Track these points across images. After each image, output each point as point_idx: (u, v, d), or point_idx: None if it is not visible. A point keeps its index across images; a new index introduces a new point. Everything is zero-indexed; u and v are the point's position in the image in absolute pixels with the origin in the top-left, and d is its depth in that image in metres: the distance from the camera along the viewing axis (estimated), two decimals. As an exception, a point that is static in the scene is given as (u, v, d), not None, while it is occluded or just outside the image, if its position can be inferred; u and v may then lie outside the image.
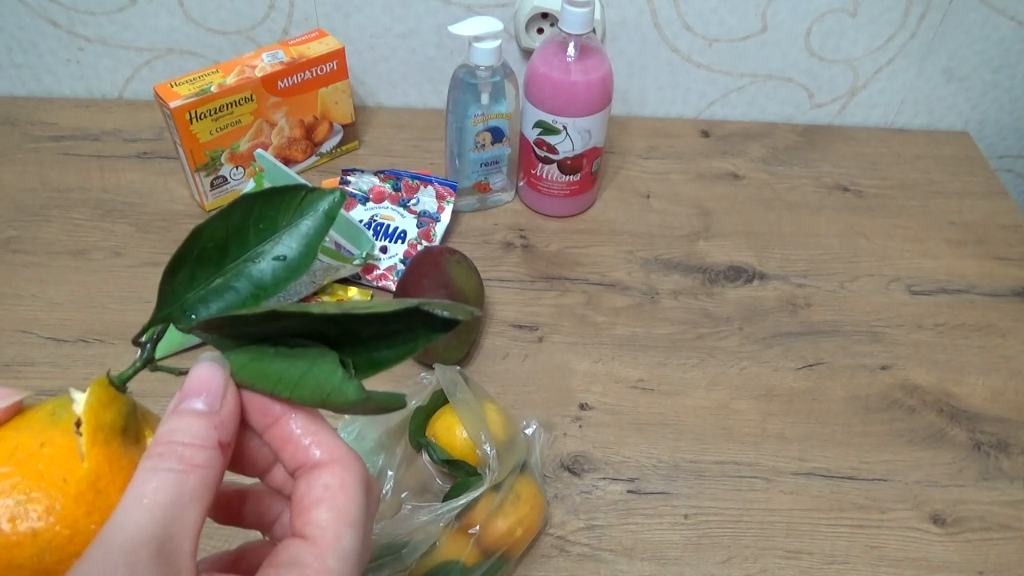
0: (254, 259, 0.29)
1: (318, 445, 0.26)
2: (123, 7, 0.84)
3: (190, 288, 0.28)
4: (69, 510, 0.24)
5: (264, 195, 0.28)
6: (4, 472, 0.24)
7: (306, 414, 0.27)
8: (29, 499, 0.24)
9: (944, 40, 0.86)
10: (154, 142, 0.86)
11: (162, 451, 0.24)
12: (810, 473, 0.60)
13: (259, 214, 0.28)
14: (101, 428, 0.26)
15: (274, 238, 0.29)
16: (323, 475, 0.26)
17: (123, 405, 0.27)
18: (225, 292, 0.28)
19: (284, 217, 0.29)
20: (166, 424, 0.25)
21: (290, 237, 0.29)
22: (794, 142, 0.90)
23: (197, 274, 0.28)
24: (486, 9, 0.84)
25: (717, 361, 0.67)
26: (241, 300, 0.28)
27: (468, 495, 0.49)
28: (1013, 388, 0.66)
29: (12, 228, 0.76)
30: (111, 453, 0.25)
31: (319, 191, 0.29)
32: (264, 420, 0.27)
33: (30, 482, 0.24)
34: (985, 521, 0.57)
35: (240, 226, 0.28)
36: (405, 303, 0.26)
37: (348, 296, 0.70)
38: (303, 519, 0.25)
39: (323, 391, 0.26)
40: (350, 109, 0.83)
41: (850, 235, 0.79)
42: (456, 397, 0.53)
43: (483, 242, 0.77)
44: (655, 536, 0.56)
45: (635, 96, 0.92)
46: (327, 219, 0.29)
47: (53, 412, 0.26)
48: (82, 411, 0.26)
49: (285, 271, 0.29)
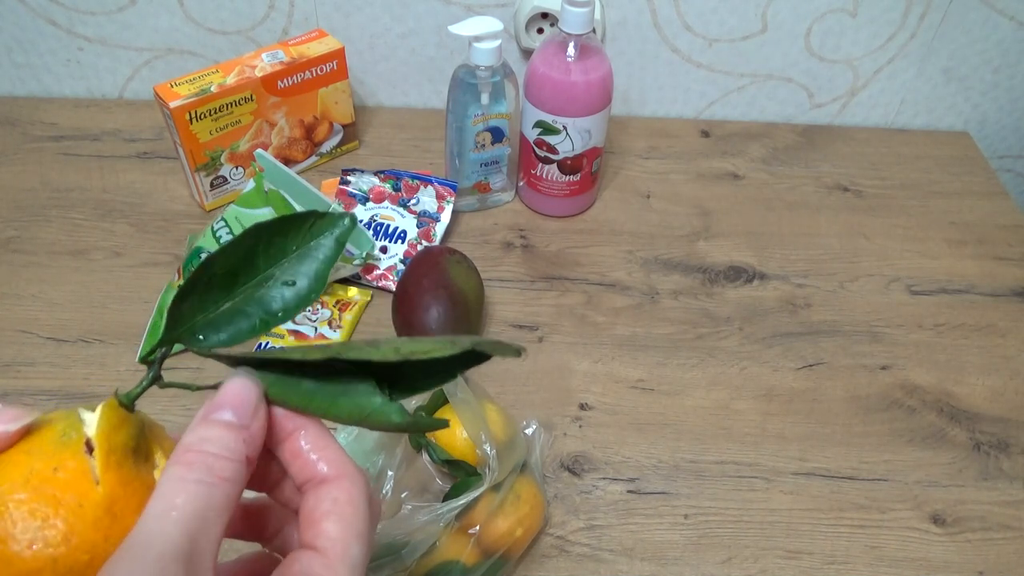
0: (263, 284, 0.29)
1: (326, 461, 0.27)
2: (123, 7, 0.84)
3: (199, 311, 0.28)
4: (87, 536, 0.24)
5: (274, 222, 0.28)
6: (21, 499, 0.24)
7: (316, 430, 0.28)
8: (47, 525, 0.24)
9: (944, 40, 0.86)
10: (154, 142, 0.86)
11: (191, 460, 0.25)
12: (810, 473, 0.60)
13: (268, 240, 0.28)
14: (114, 451, 0.26)
15: (283, 264, 0.29)
16: (331, 489, 0.27)
17: (133, 426, 0.27)
18: (234, 316, 0.28)
19: (294, 242, 0.29)
20: (196, 432, 0.25)
21: (299, 262, 0.29)
22: (794, 142, 0.90)
23: (207, 299, 0.28)
24: (486, 9, 0.84)
25: (717, 361, 0.67)
26: (251, 325, 0.28)
27: (468, 495, 0.49)
28: (1013, 388, 0.66)
29: (12, 228, 0.76)
30: (124, 475, 0.26)
31: (329, 216, 0.29)
32: (277, 436, 0.28)
33: (47, 509, 0.24)
34: (985, 521, 0.57)
35: (250, 252, 0.28)
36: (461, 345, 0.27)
37: (348, 296, 0.70)
38: (313, 531, 0.26)
39: (362, 412, 0.27)
40: (350, 109, 0.83)
41: (850, 235, 0.79)
42: (456, 397, 0.53)
43: (483, 242, 0.77)
44: (655, 536, 0.56)
45: (635, 96, 0.92)
46: (337, 245, 0.29)
47: (64, 433, 0.26)
48: (94, 435, 0.26)
49: (295, 298, 0.29)
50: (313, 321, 0.67)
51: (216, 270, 0.28)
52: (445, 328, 0.61)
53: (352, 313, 0.68)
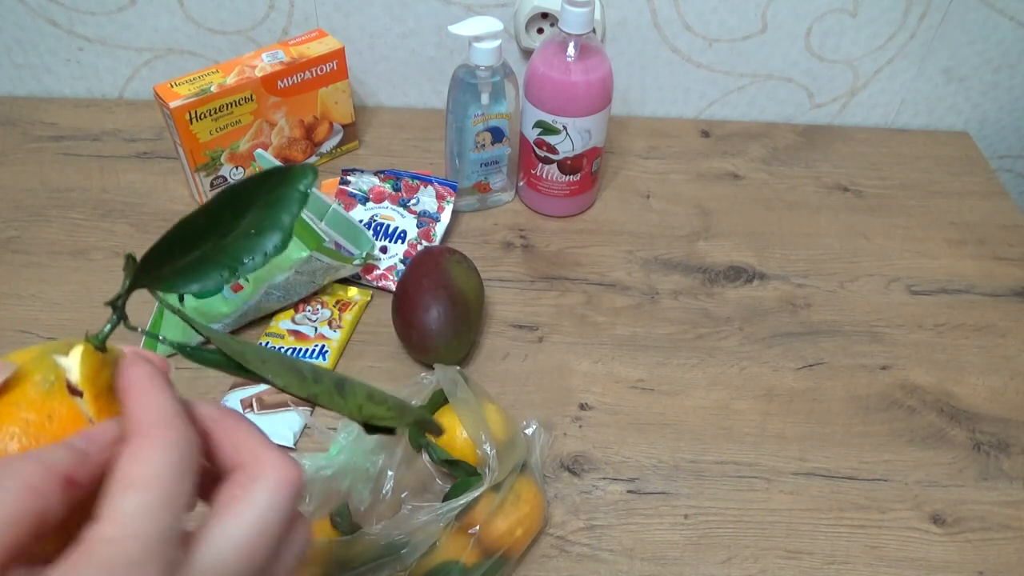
0: (228, 234, 0.29)
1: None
2: (123, 7, 0.84)
3: (167, 262, 0.28)
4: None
5: (242, 181, 0.29)
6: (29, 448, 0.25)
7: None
8: None
9: (944, 40, 0.86)
10: (154, 142, 0.86)
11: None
12: (810, 473, 0.60)
13: (235, 195, 0.29)
14: (101, 393, 0.27)
15: (248, 215, 0.29)
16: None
17: (109, 365, 0.28)
18: (201, 264, 0.29)
19: (259, 195, 0.29)
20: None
21: (265, 213, 0.29)
22: (794, 142, 0.90)
23: (175, 251, 0.28)
24: (486, 9, 0.84)
25: (717, 361, 0.67)
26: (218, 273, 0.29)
27: (468, 495, 0.48)
28: (1013, 388, 0.66)
29: (12, 228, 0.76)
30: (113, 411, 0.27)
31: (293, 169, 0.30)
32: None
33: None
34: (985, 521, 0.57)
35: (218, 209, 0.29)
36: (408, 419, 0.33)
37: (348, 296, 0.70)
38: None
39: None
40: (350, 109, 0.83)
41: (850, 235, 0.79)
42: (456, 397, 0.53)
43: (483, 242, 0.77)
44: (655, 536, 0.56)
45: (635, 96, 0.92)
46: (301, 195, 0.29)
47: (44, 381, 0.26)
48: (79, 380, 0.27)
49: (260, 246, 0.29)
50: (313, 321, 0.67)
51: (185, 227, 0.28)
52: (445, 328, 0.61)
53: (352, 313, 0.68)
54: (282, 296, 0.67)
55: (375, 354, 0.66)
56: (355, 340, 0.67)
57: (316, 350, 0.65)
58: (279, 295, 0.66)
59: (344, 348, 0.66)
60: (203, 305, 0.64)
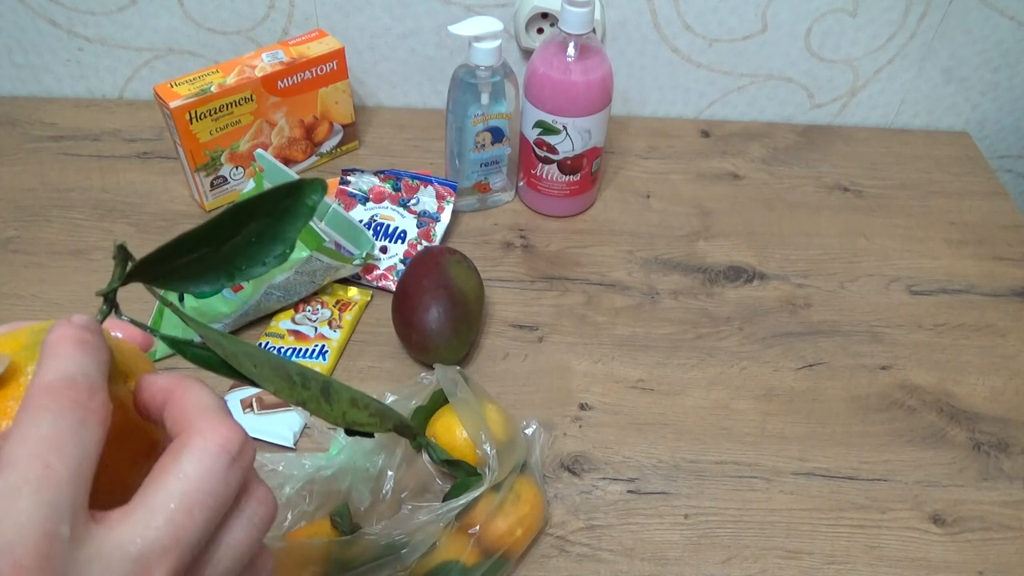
0: (229, 239, 0.29)
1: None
2: (123, 7, 0.84)
3: (167, 263, 0.28)
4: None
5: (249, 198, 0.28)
6: None
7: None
8: None
9: (944, 40, 0.86)
10: (154, 142, 0.86)
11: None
12: (810, 473, 0.60)
13: (240, 208, 0.28)
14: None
15: (252, 224, 0.29)
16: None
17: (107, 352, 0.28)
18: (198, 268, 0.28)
19: (265, 207, 0.29)
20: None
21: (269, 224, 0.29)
22: (794, 142, 0.90)
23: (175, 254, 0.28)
24: (486, 9, 0.84)
25: (717, 361, 0.67)
26: (215, 277, 0.29)
27: (468, 495, 0.48)
28: (1013, 388, 0.66)
29: (12, 228, 0.76)
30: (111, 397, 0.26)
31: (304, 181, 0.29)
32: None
33: None
34: (985, 521, 0.57)
35: (219, 222, 0.28)
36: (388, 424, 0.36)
37: (348, 296, 0.70)
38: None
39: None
40: (350, 109, 0.83)
41: (850, 235, 0.79)
42: (456, 397, 0.53)
43: (483, 242, 0.77)
44: (655, 536, 0.56)
45: (635, 96, 0.92)
46: (308, 208, 0.29)
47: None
48: None
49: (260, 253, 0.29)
50: (313, 321, 0.67)
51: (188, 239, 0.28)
52: (445, 328, 0.61)
53: (352, 313, 0.68)
54: (282, 296, 0.67)
55: (375, 354, 0.66)
56: (355, 340, 0.67)
57: (316, 350, 0.65)
58: (279, 295, 0.66)
59: (344, 348, 0.66)
60: (203, 304, 0.64)
